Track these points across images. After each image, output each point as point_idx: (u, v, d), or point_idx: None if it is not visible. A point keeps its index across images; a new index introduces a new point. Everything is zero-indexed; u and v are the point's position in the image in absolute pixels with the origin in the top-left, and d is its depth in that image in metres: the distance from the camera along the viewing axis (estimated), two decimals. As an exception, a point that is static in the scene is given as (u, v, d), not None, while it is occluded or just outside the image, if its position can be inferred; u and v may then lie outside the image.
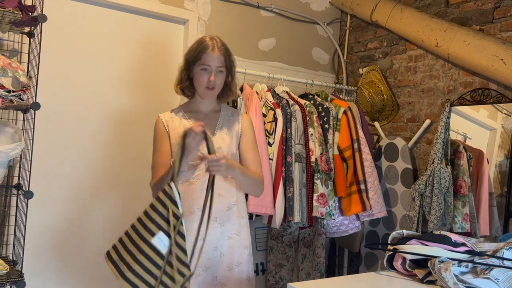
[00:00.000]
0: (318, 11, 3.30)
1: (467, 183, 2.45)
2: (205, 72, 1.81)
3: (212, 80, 1.80)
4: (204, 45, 1.82)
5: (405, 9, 2.78)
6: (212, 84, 1.81)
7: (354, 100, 3.16)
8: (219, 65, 1.82)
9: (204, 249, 1.69)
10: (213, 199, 1.67)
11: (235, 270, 1.84)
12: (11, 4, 1.92)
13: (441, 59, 2.68)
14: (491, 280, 1.26)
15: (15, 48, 2.23)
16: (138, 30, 2.66)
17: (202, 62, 1.81)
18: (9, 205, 2.23)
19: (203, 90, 1.84)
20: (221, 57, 1.82)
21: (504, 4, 2.39)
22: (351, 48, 3.34)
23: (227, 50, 1.85)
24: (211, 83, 1.81)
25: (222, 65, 1.83)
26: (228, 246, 1.84)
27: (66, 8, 2.44)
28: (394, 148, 2.83)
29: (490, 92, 2.40)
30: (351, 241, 2.91)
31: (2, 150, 1.87)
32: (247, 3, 2.96)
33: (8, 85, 1.85)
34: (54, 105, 2.39)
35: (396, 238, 1.59)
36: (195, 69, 1.84)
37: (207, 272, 1.81)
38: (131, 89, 2.65)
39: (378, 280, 1.46)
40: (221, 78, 1.85)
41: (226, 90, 1.92)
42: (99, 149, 2.55)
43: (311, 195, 2.51)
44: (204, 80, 1.81)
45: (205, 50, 1.81)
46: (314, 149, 2.56)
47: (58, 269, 2.43)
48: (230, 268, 1.84)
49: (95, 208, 2.54)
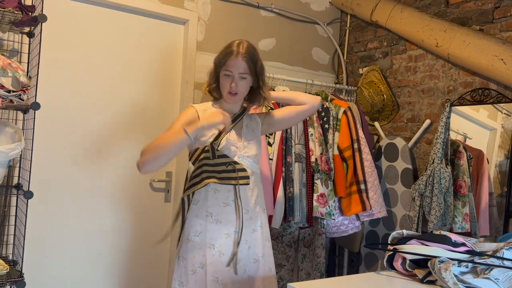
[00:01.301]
0: (318, 11, 3.30)
1: (467, 183, 2.45)
2: (228, 77, 1.84)
3: (233, 86, 1.83)
4: (229, 51, 1.85)
5: (405, 9, 2.78)
6: (234, 90, 1.84)
7: (354, 100, 3.16)
8: (242, 72, 1.83)
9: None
10: (246, 190, 1.86)
11: (260, 262, 1.90)
12: (11, 4, 1.92)
13: (441, 59, 2.68)
14: (491, 280, 1.26)
15: (15, 48, 2.23)
16: (138, 30, 2.66)
17: (226, 68, 1.84)
18: (9, 205, 2.23)
19: (226, 95, 1.88)
20: (244, 64, 1.83)
21: (504, 4, 2.39)
22: (351, 48, 3.34)
23: (251, 57, 1.85)
24: (232, 89, 1.84)
25: (245, 71, 1.84)
26: (254, 238, 1.89)
27: (66, 8, 2.44)
28: (394, 148, 2.83)
29: (490, 92, 2.40)
30: (351, 241, 2.91)
31: (2, 150, 1.87)
32: (247, 3, 2.96)
33: (8, 85, 1.85)
34: (54, 105, 2.39)
35: (396, 238, 1.59)
36: (221, 73, 1.87)
37: (238, 265, 1.83)
38: (131, 89, 2.65)
39: (378, 280, 1.46)
40: (243, 84, 1.86)
41: (255, 96, 1.94)
42: (99, 149, 2.55)
43: (311, 195, 2.52)
44: (227, 86, 1.85)
45: (229, 56, 1.84)
46: (314, 149, 2.56)
47: (58, 269, 2.43)
48: (256, 260, 1.89)
49: (95, 208, 2.54)
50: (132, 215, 2.66)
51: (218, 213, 1.83)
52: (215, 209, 1.83)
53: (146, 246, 2.69)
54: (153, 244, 2.69)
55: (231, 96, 1.86)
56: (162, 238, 2.38)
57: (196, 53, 2.76)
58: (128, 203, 2.64)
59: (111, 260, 2.59)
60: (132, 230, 2.65)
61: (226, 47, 1.88)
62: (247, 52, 1.85)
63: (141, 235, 2.68)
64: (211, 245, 1.81)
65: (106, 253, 2.57)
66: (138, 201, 2.67)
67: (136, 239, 2.66)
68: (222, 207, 1.83)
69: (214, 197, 1.83)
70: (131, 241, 2.65)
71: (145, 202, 2.70)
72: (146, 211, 2.70)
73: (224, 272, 1.81)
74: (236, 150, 1.86)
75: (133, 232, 2.66)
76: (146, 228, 2.70)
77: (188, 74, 2.74)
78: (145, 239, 2.69)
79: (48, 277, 2.40)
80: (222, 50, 1.89)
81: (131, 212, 2.65)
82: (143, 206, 2.69)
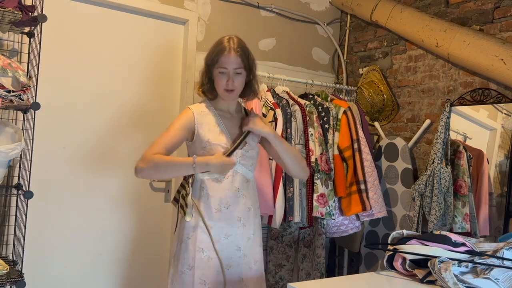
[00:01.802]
0: (318, 11, 3.30)
1: (467, 183, 2.45)
2: (223, 75, 1.83)
3: (230, 83, 1.82)
4: (220, 48, 1.83)
5: (405, 9, 2.77)
6: (231, 87, 1.83)
7: (354, 100, 3.16)
8: (236, 67, 1.82)
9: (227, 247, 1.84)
10: (240, 197, 1.84)
11: (253, 269, 1.91)
12: (11, 4, 1.92)
13: (441, 59, 2.68)
14: (491, 280, 1.26)
15: (15, 48, 2.23)
16: (138, 30, 2.66)
17: (220, 65, 1.82)
18: (9, 205, 2.23)
19: (222, 93, 1.86)
20: (238, 58, 1.82)
21: (504, 4, 2.39)
22: (351, 48, 3.34)
23: (244, 51, 1.85)
24: (229, 86, 1.82)
25: (240, 66, 1.83)
26: (248, 246, 1.90)
27: (66, 8, 2.44)
28: (394, 148, 2.83)
29: (490, 92, 2.40)
30: (351, 241, 2.91)
31: (2, 150, 1.87)
32: (247, 3, 2.96)
33: (8, 85, 1.85)
34: (54, 105, 2.39)
35: (396, 238, 1.59)
36: (214, 72, 1.85)
37: (230, 271, 1.84)
38: (131, 89, 2.65)
39: (378, 280, 1.46)
40: (239, 79, 1.85)
41: (246, 90, 1.93)
42: (99, 149, 2.55)
43: (311, 195, 2.51)
44: (222, 83, 1.83)
45: (221, 53, 1.82)
46: (314, 149, 2.56)
47: (58, 269, 2.43)
48: (250, 268, 1.90)
49: (95, 208, 2.54)
50: (132, 215, 2.66)
51: (209, 217, 1.83)
52: (206, 213, 1.83)
53: (146, 246, 2.69)
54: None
55: (228, 93, 1.85)
56: None
57: (196, 53, 2.76)
58: (128, 203, 2.64)
59: (111, 260, 2.59)
60: (132, 230, 2.65)
61: (217, 44, 1.86)
62: (239, 46, 1.84)
63: (141, 235, 2.68)
64: (200, 248, 1.82)
65: (106, 253, 2.57)
66: (138, 201, 2.67)
67: (136, 239, 2.66)
68: (213, 213, 1.83)
69: (207, 202, 1.84)
70: (131, 241, 2.65)
71: (145, 202, 2.70)
72: (146, 211, 2.70)
73: (212, 276, 1.82)
74: (234, 158, 1.86)
75: (133, 232, 2.66)
76: (146, 228, 2.70)
77: (188, 74, 2.74)
78: (145, 239, 2.69)
79: (48, 277, 2.40)
80: (213, 47, 1.87)
81: (131, 212, 2.65)
82: (143, 206, 2.69)
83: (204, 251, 1.81)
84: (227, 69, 1.82)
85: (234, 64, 1.82)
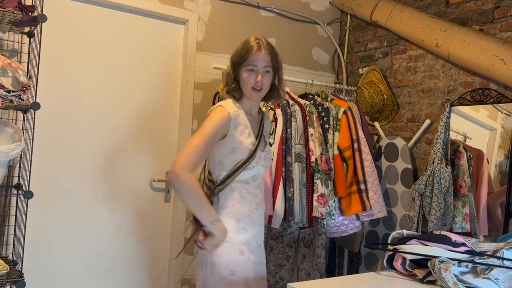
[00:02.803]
0: (318, 11, 3.30)
1: (467, 183, 2.45)
2: (252, 73, 1.77)
3: (259, 80, 1.76)
4: (249, 45, 1.79)
5: (405, 9, 2.77)
6: (260, 85, 1.78)
7: (354, 100, 3.16)
8: (266, 65, 1.78)
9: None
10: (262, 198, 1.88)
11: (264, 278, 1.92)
12: (11, 4, 1.92)
13: (441, 59, 2.68)
14: (491, 280, 1.26)
15: (15, 48, 2.23)
16: (138, 30, 2.66)
17: (249, 63, 1.77)
18: (9, 205, 2.23)
19: (249, 92, 1.80)
20: (268, 56, 1.78)
21: (504, 4, 2.39)
22: (351, 48, 3.34)
23: (273, 50, 1.82)
24: (258, 84, 1.77)
25: (269, 65, 1.79)
26: (261, 254, 1.91)
27: (66, 8, 2.44)
28: (394, 148, 2.83)
29: (490, 92, 2.40)
30: (351, 241, 2.91)
31: (2, 150, 1.87)
32: (247, 3, 2.96)
33: (8, 85, 1.85)
34: (54, 105, 2.39)
35: (396, 238, 1.59)
36: (242, 70, 1.79)
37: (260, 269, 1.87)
38: (131, 89, 2.65)
39: (378, 280, 1.46)
40: (268, 78, 1.80)
41: (273, 92, 1.87)
42: (99, 149, 2.55)
43: (311, 195, 2.51)
44: (251, 81, 1.77)
45: (251, 49, 1.77)
46: (314, 149, 2.55)
47: (58, 269, 2.43)
48: (263, 279, 1.91)
49: (95, 208, 2.54)
50: (132, 215, 2.66)
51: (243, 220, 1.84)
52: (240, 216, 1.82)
53: (146, 246, 2.69)
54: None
55: (256, 92, 1.79)
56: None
57: (196, 53, 2.76)
58: (128, 203, 2.64)
59: (111, 260, 2.59)
60: (132, 230, 2.65)
61: (245, 43, 1.81)
62: (269, 45, 1.81)
63: (141, 235, 2.68)
64: (240, 251, 1.80)
65: (106, 253, 2.57)
66: (138, 201, 2.67)
67: (136, 239, 2.66)
68: (247, 215, 1.83)
69: (242, 203, 1.82)
70: (131, 241, 2.65)
71: (145, 202, 2.70)
72: (146, 211, 2.70)
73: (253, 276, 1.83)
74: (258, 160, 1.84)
75: (133, 232, 2.66)
76: (146, 228, 2.70)
77: (188, 74, 2.74)
78: (145, 239, 2.69)
79: (48, 277, 2.40)
80: (240, 47, 1.82)
81: (131, 212, 2.65)
82: (143, 206, 2.69)
83: (260, 247, 1.87)
84: (257, 66, 1.76)
85: (263, 62, 1.77)
